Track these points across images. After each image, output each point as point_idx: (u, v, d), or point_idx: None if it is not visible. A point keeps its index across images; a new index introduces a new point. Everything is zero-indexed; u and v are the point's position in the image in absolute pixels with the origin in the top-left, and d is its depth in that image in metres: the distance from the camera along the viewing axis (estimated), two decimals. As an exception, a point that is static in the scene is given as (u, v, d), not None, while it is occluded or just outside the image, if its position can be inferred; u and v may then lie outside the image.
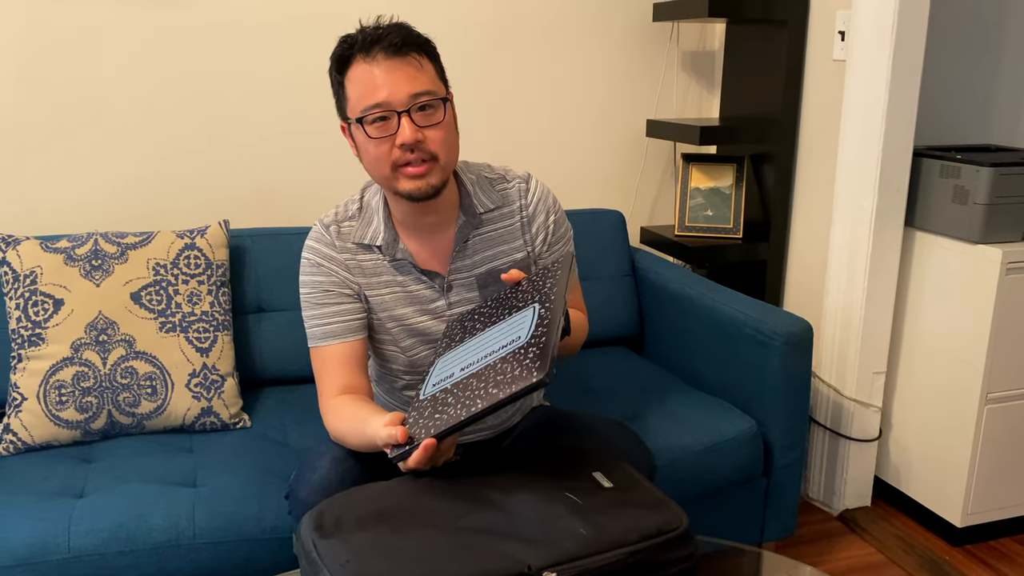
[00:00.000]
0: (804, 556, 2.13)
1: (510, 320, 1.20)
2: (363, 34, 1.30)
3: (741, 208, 2.44)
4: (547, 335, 1.07)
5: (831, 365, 2.31)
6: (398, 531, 0.94)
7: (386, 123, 1.28)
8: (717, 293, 2.07)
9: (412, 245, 1.42)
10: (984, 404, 2.10)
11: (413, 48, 1.29)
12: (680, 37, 2.57)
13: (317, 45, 2.23)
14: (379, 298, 1.41)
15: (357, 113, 1.28)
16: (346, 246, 1.40)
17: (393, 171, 1.31)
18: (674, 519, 1.03)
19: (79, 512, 1.47)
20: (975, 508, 2.17)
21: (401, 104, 1.26)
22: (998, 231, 2.07)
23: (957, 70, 2.46)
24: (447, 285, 1.43)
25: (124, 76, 2.10)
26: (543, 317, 1.12)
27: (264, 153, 2.25)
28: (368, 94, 1.27)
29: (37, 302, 1.75)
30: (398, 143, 1.27)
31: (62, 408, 1.72)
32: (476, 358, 1.16)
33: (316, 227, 1.43)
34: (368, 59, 1.27)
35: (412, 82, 1.27)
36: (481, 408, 1.02)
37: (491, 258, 1.45)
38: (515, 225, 1.46)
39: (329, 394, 1.38)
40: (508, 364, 1.07)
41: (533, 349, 1.06)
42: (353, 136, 1.34)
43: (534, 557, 0.91)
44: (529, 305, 1.19)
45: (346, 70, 1.30)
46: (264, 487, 1.58)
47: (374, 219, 1.41)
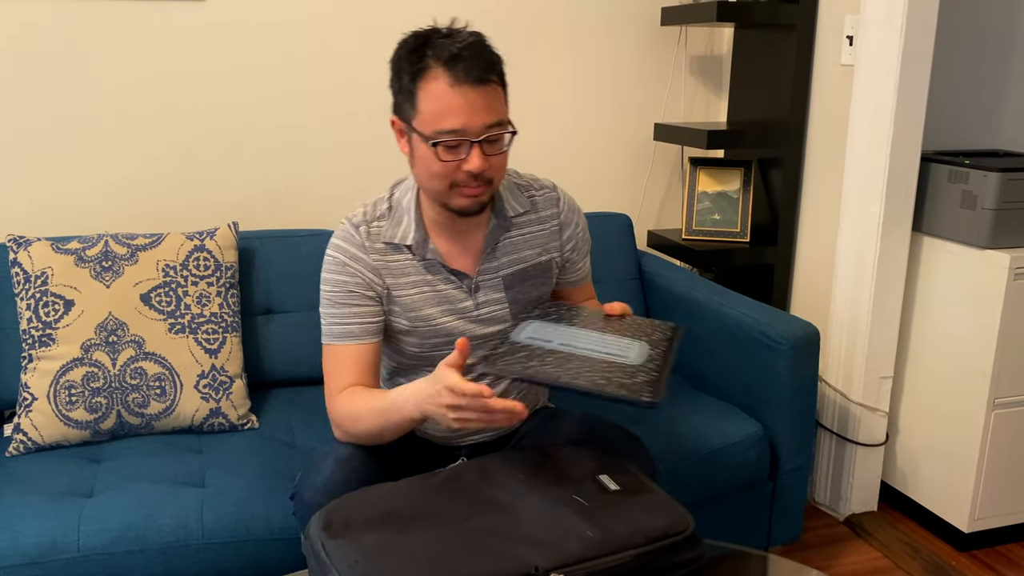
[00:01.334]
0: (810, 561, 2.13)
1: (614, 338, 1.28)
2: (442, 44, 1.27)
3: (748, 212, 2.45)
4: (660, 373, 1.17)
5: (838, 369, 2.30)
6: (406, 532, 0.95)
7: (455, 149, 1.28)
8: (724, 297, 2.07)
9: (442, 245, 1.43)
10: (991, 409, 2.10)
11: (492, 75, 1.29)
12: (688, 41, 2.57)
13: (327, 46, 2.24)
14: (408, 298, 1.42)
15: (428, 131, 1.27)
16: (375, 246, 1.40)
17: (449, 188, 1.32)
18: (680, 522, 1.03)
19: (88, 512, 1.48)
20: (982, 513, 2.17)
21: (475, 134, 1.27)
22: (1006, 236, 2.07)
23: (965, 75, 2.45)
24: (475, 286, 1.44)
25: (135, 78, 2.11)
26: (653, 357, 1.21)
27: (274, 155, 2.26)
28: (445, 118, 1.26)
29: (48, 303, 1.76)
30: (465, 168, 1.29)
31: (72, 408, 1.73)
32: (577, 344, 1.23)
33: (344, 226, 1.42)
34: (449, 79, 1.25)
35: (488, 113, 1.28)
36: (583, 386, 1.10)
37: (518, 260, 1.47)
38: (546, 231, 1.50)
39: (337, 390, 1.38)
40: (616, 370, 1.14)
41: (643, 375, 1.14)
42: (411, 141, 1.33)
43: (541, 558, 0.91)
44: (637, 339, 1.28)
45: (420, 79, 1.27)
46: (271, 488, 1.58)
47: (404, 218, 1.41)
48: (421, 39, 1.29)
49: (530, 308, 1.42)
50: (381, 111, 2.32)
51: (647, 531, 0.98)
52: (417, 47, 1.28)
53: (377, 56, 2.28)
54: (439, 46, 1.26)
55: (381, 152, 2.35)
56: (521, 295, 1.48)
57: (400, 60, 1.31)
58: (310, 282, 2.07)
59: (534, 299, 1.50)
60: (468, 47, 1.26)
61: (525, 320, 1.35)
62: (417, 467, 1.36)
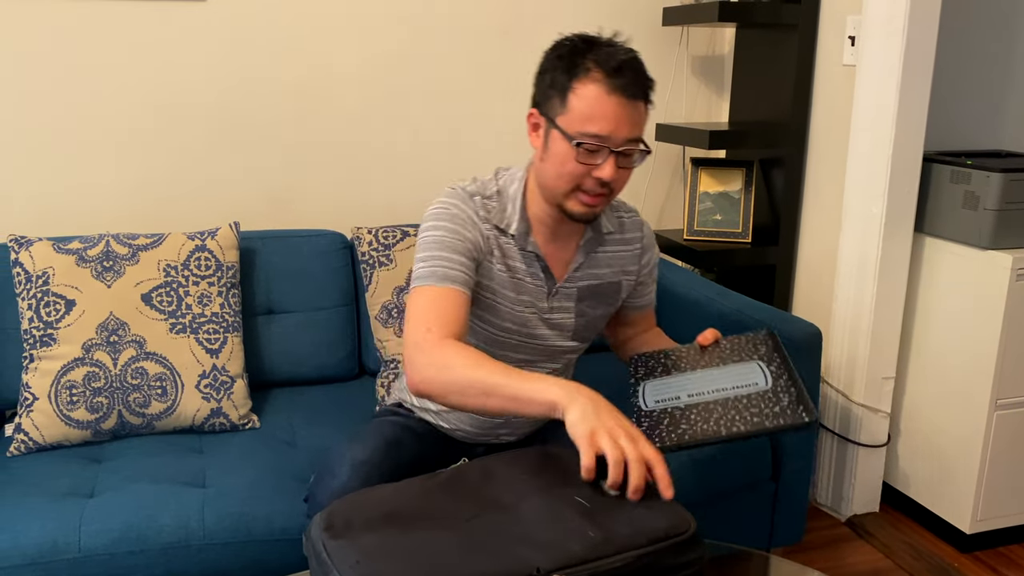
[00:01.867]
0: (812, 562, 2.13)
1: (730, 368, 1.27)
2: (607, 52, 1.29)
3: (750, 212, 2.44)
4: (797, 388, 1.15)
5: (840, 370, 2.30)
6: (408, 532, 0.95)
7: (594, 154, 1.29)
8: (725, 297, 2.07)
9: (540, 241, 1.44)
10: (994, 410, 2.09)
11: (645, 94, 1.31)
12: (690, 41, 2.57)
13: (329, 46, 2.24)
14: (507, 275, 1.42)
15: (573, 130, 1.28)
16: (489, 218, 1.40)
17: (572, 191, 1.33)
18: (682, 523, 1.03)
19: (89, 512, 1.48)
20: (984, 515, 2.16)
21: (616, 144, 1.29)
22: (1008, 237, 2.06)
23: (968, 75, 2.45)
24: (556, 290, 1.45)
25: (135, 77, 2.11)
26: (777, 374, 1.19)
27: (276, 155, 2.26)
28: (594, 122, 1.27)
29: (49, 303, 1.76)
30: (595, 175, 1.30)
31: (73, 408, 1.73)
32: (703, 390, 1.22)
33: (457, 191, 1.40)
34: (607, 87, 1.27)
35: (633, 128, 1.30)
36: (745, 431, 1.09)
37: (596, 276, 1.49)
38: (629, 253, 1.52)
39: (442, 333, 1.24)
40: (760, 401, 1.13)
41: (785, 396, 1.12)
42: (548, 135, 1.33)
43: (542, 559, 0.91)
44: (751, 361, 1.26)
45: (578, 79, 1.28)
46: (273, 488, 1.58)
47: (508, 207, 1.41)
48: (586, 43, 1.31)
49: (635, 368, 1.40)
50: (382, 110, 2.32)
51: (649, 532, 0.98)
52: (581, 49, 1.30)
53: (379, 55, 2.28)
54: (604, 54, 1.28)
55: (383, 152, 2.35)
56: (589, 309, 1.49)
57: (559, 58, 1.31)
58: (311, 282, 2.07)
59: (598, 317, 1.52)
60: (630, 61, 1.29)
61: (636, 385, 1.33)
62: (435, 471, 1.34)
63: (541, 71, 1.35)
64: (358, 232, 2.09)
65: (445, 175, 2.41)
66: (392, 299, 2.03)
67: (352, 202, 2.35)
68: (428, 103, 2.36)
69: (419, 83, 2.34)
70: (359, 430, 1.50)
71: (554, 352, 1.50)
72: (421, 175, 2.39)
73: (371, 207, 2.36)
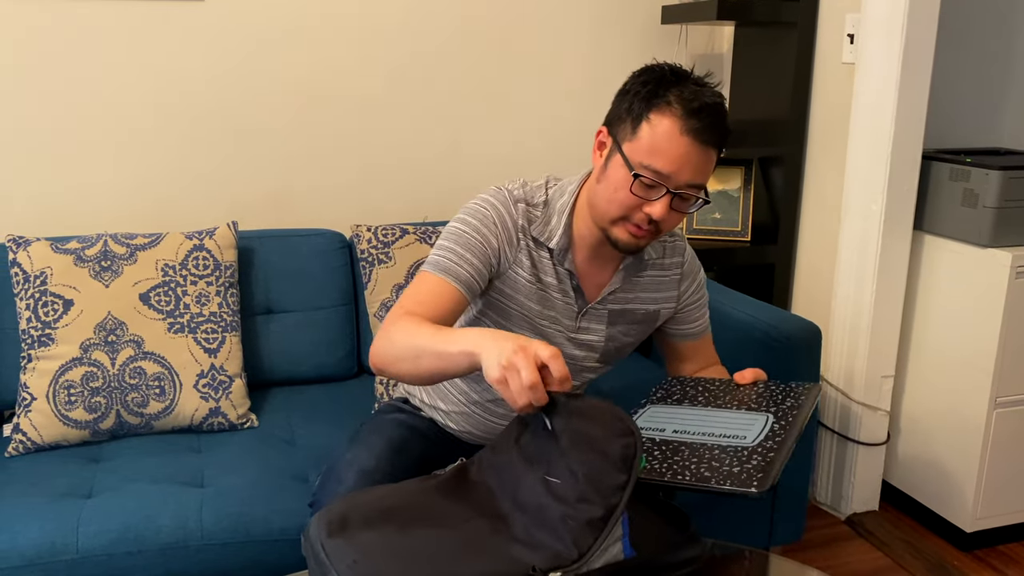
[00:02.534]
0: (812, 560, 2.12)
1: (736, 414, 1.22)
2: (692, 91, 1.25)
3: (749, 211, 2.44)
4: (776, 454, 1.09)
5: (839, 369, 2.30)
6: (406, 532, 0.95)
7: (650, 189, 1.26)
8: (724, 296, 2.07)
9: (579, 260, 1.40)
10: (993, 408, 2.09)
11: (719, 143, 1.27)
12: (689, 40, 2.57)
13: (327, 45, 2.23)
14: (531, 285, 1.38)
15: (635, 160, 1.25)
16: (528, 229, 1.36)
17: (620, 220, 1.30)
18: (679, 521, 1.03)
19: (87, 512, 1.48)
20: (984, 513, 2.16)
21: (675, 186, 1.25)
22: (1008, 234, 2.06)
23: (967, 72, 2.45)
24: (585, 311, 1.42)
25: (133, 77, 2.11)
26: (776, 433, 1.14)
27: (274, 155, 2.25)
28: (658, 157, 1.24)
29: (47, 302, 1.76)
30: (646, 210, 1.27)
31: (71, 408, 1.73)
32: (691, 429, 1.19)
33: (504, 194, 1.37)
34: (682, 126, 1.23)
35: (696, 173, 1.26)
36: (687, 482, 1.04)
37: (631, 300, 1.45)
38: (667, 279, 1.47)
39: (410, 310, 1.27)
40: (727, 456, 1.09)
41: (757, 459, 1.07)
42: (610, 157, 1.30)
43: (538, 559, 0.91)
44: (763, 412, 1.21)
45: (656, 110, 1.24)
46: (272, 488, 1.58)
47: (553, 219, 1.37)
48: (675, 76, 1.27)
49: (656, 389, 1.35)
50: (380, 109, 2.31)
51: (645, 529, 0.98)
52: (668, 81, 1.26)
53: (377, 54, 2.28)
54: (689, 91, 1.24)
55: (382, 150, 2.34)
56: (620, 335, 1.46)
57: (643, 84, 1.27)
58: (310, 281, 2.06)
59: (628, 344, 1.49)
60: (713, 105, 1.25)
61: (641, 406, 1.29)
62: None
63: (622, 92, 1.31)
64: (357, 230, 2.09)
65: (444, 174, 2.40)
66: (391, 297, 2.02)
67: (351, 201, 2.34)
68: (427, 102, 2.35)
69: (418, 82, 2.33)
70: (362, 429, 1.49)
71: (576, 369, 1.47)
72: (420, 174, 2.39)
73: (370, 206, 2.36)
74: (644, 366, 2.21)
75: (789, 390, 1.30)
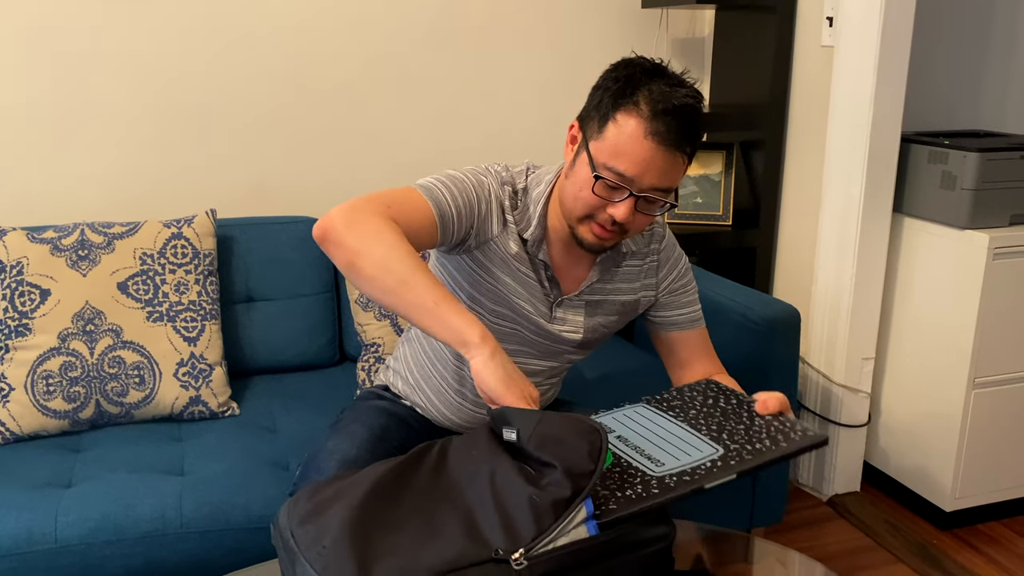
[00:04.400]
0: (793, 541, 2.14)
1: (690, 438, 1.13)
2: (661, 91, 1.20)
3: (731, 195, 2.44)
4: (651, 496, 0.99)
5: (820, 351, 2.31)
6: (374, 517, 0.95)
7: (614, 190, 1.23)
8: (705, 280, 2.07)
9: (554, 252, 1.38)
10: (972, 389, 2.11)
11: (687, 147, 1.22)
12: (670, 24, 2.56)
13: (308, 34, 2.22)
14: (501, 262, 1.35)
15: (598, 160, 1.22)
16: (510, 211, 1.34)
17: (584, 218, 1.27)
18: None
19: (66, 502, 1.47)
20: (963, 492, 2.18)
21: (639, 189, 1.22)
22: (985, 216, 2.07)
23: (946, 55, 2.45)
24: (559, 301, 1.40)
25: (112, 66, 2.09)
26: (702, 473, 1.03)
27: (253, 142, 2.24)
28: (621, 159, 1.20)
29: (24, 292, 1.75)
30: (609, 212, 1.24)
31: (50, 398, 1.72)
32: (629, 439, 1.13)
33: (492, 172, 1.34)
34: (647, 128, 1.19)
35: (662, 177, 1.22)
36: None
37: (609, 291, 1.42)
38: (646, 266, 1.44)
39: (386, 215, 1.19)
40: (618, 479, 1.03)
41: (637, 491, 1.00)
42: (578, 154, 1.27)
43: (501, 539, 0.91)
44: (721, 445, 1.11)
45: (622, 110, 1.21)
46: (252, 475, 1.58)
47: (529, 209, 1.35)
48: (646, 73, 1.22)
49: (658, 394, 1.27)
50: (360, 95, 2.30)
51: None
52: (638, 79, 1.22)
53: (357, 42, 2.26)
54: (658, 91, 1.20)
55: (361, 137, 2.33)
56: (600, 325, 1.44)
57: (614, 80, 1.24)
58: (290, 269, 2.05)
59: (608, 333, 1.46)
60: (683, 107, 1.19)
61: (627, 403, 1.24)
62: None
63: (595, 87, 1.27)
64: (337, 218, 2.08)
65: (424, 160, 2.40)
66: (372, 285, 2.02)
67: (330, 188, 2.33)
68: (406, 89, 2.34)
69: (397, 70, 2.32)
70: (343, 417, 1.49)
71: (554, 354, 1.45)
72: (399, 160, 2.38)
73: (350, 193, 2.35)
74: (627, 351, 2.21)
75: (788, 430, 1.15)
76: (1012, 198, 2.09)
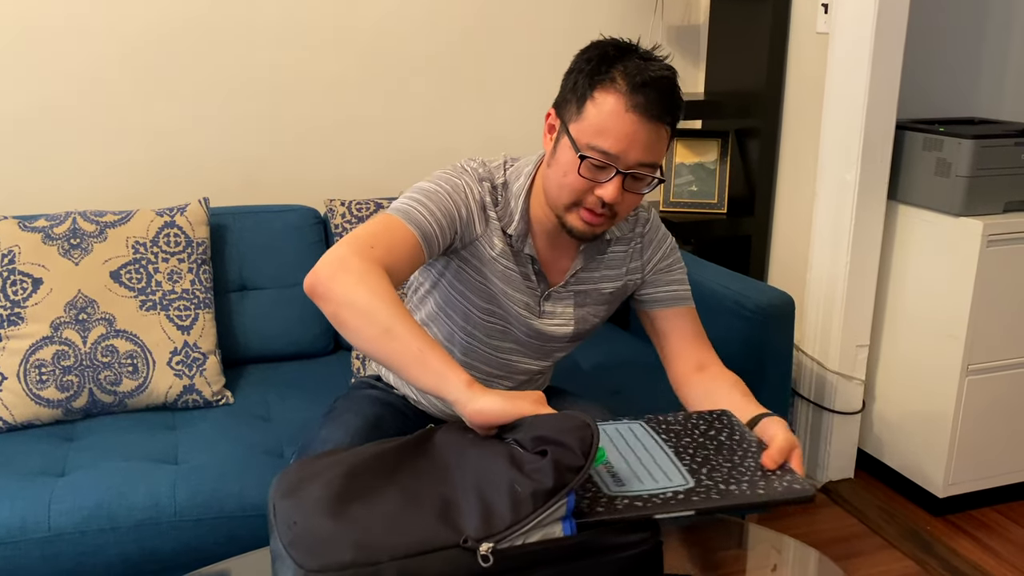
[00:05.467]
0: (787, 528, 2.15)
1: (666, 465, 1.08)
2: (636, 65, 1.20)
3: (726, 183, 2.44)
4: (601, 515, 0.96)
5: (815, 338, 2.31)
6: (353, 495, 0.95)
7: (600, 170, 1.21)
8: (699, 268, 2.07)
9: (539, 244, 1.37)
10: (965, 375, 2.11)
11: (669, 118, 1.22)
12: (665, 10, 2.55)
13: (302, 20, 2.20)
14: (489, 261, 1.34)
15: (581, 142, 1.21)
16: (493, 207, 1.33)
17: (572, 205, 1.25)
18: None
19: (60, 491, 1.47)
20: (956, 479, 2.19)
21: (625, 166, 1.20)
22: (979, 204, 2.07)
23: (941, 42, 2.45)
24: (548, 295, 1.39)
25: (104, 55, 2.07)
26: (656, 503, 0.99)
27: (246, 130, 2.23)
28: (605, 136, 1.19)
29: (16, 281, 1.74)
30: (598, 193, 1.22)
31: (43, 387, 1.71)
32: (614, 457, 1.09)
33: (468, 170, 1.32)
34: (627, 102, 1.18)
35: (647, 152, 1.21)
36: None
37: (595, 279, 1.41)
38: (631, 250, 1.42)
39: (371, 257, 1.16)
40: (600, 502, 1.00)
41: (600, 510, 0.97)
42: (558, 140, 1.26)
43: (474, 526, 0.91)
44: (695, 478, 1.04)
45: (600, 88, 1.20)
46: (246, 464, 1.58)
47: (511, 203, 1.33)
48: (619, 51, 1.22)
49: (663, 416, 1.21)
50: (353, 83, 2.29)
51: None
52: (610, 56, 1.22)
53: (352, 28, 2.25)
54: (633, 66, 1.19)
55: (355, 125, 2.32)
56: (589, 315, 1.43)
57: (587, 61, 1.23)
58: (284, 258, 2.05)
59: (598, 323, 1.45)
60: (659, 79, 1.19)
61: (624, 419, 1.19)
62: None
63: (568, 71, 1.26)
64: (331, 205, 2.07)
65: (418, 148, 2.39)
66: (366, 273, 2.01)
67: (324, 176, 2.32)
68: (401, 76, 2.33)
69: (391, 57, 2.31)
70: (336, 406, 1.49)
71: (545, 351, 1.45)
72: (394, 148, 2.37)
73: (344, 181, 2.34)
74: (623, 339, 2.21)
75: (776, 479, 1.06)
76: (1006, 185, 2.09)
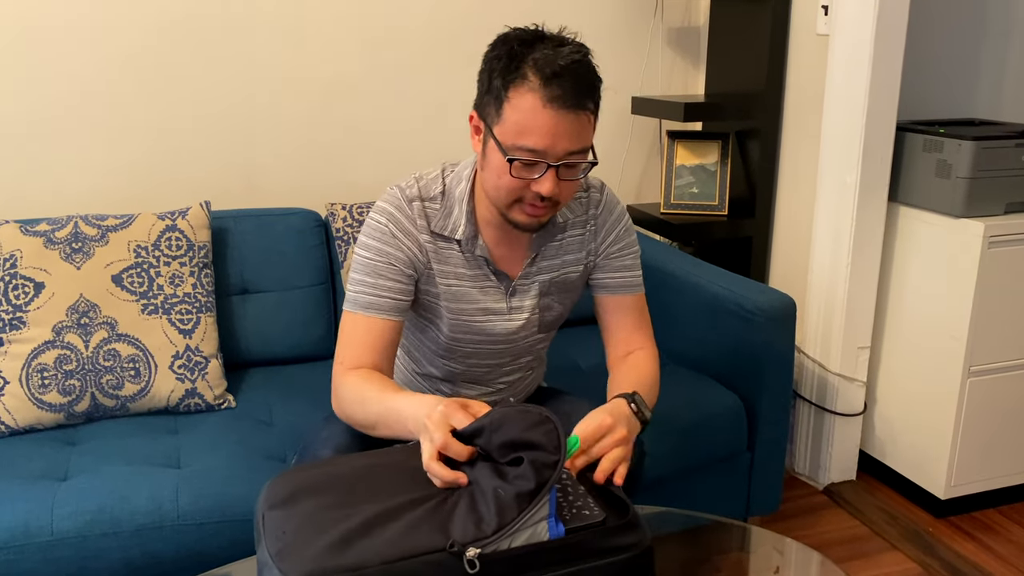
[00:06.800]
0: (790, 530, 2.15)
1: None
2: (545, 56, 1.18)
3: (726, 185, 2.44)
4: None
5: (816, 340, 2.31)
6: (341, 505, 0.95)
7: (531, 167, 1.21)
8: (700, 270, 2.07)
9: (490, 243, 1.37)
10: (967, 377, 2.11)
11: (588, 102, 1.20)
12: (665, 12, 2.55)
13: (301, 23, 2.20)
14: (446, 285, 1.35)
15: (507, 143, 1.20)
16: (428, 227, 1.33)
17: (513, 203, 1.26)
18: (619, 507, 1.02)
19: (62, 495, 1.47)
20: (958, 480, 2.19)
21: (555, 159, 1.20)
22: (980, 205, 2.07)
23: (941, 43, 2.45)
24: (513, 289, 1.39)
25: (106, 59, 2.07)
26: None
27: (247, 134, 2.23)
28: (529, 136, 1.18)
29: (17, 286, 1.74)
30: (535, 189, 1.22)
31: (45, 391, 1.71)
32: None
33: (396, 195, 1.33)
34: (543, 97, 1.16)
35: (573, 140, 1.20)
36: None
37: (557, 267, 1.41)
38: (584, 235, 1.42)
39: (352, 364, 1.29)
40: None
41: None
42: (486, 143, 1.25)
43: (461, 532, 0.91)
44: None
45: (513, 88, 1.18)
46: (248, 467, 1.58)
47: (455, 210, 1.33)
48: (524, 44, 1.20)
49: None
50: (354, 86, 2.29)
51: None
52: (518, 51, 1.19)
53: (352, 31, 2.25)
54: (542, 58, 1.17)
55: (355, 128, 2.32)
56: (556, 304, 1.43)
57: (497, 59, 1.22)
58: (285, 261, 2.05)
59: (566, 309, 1.46)
60: (571, 65, 1.17)
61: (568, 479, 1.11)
62: None
63: (480, 71, 1.25)
64: (333, 208, 2.07)
65: (419, 150, 2.39)
66: (367, 277, 2.01)
67: (326, 180, 2.32)
68: (401, 78, 2.33)
69: (392, 58, 2.31)
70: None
71: (523, 350, 1.45)
72: (395, 151, 2.37)
73: (345, 184, 2.34)
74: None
75: (587, 515, 1.01)
76: (1007, 186, 2.09)
